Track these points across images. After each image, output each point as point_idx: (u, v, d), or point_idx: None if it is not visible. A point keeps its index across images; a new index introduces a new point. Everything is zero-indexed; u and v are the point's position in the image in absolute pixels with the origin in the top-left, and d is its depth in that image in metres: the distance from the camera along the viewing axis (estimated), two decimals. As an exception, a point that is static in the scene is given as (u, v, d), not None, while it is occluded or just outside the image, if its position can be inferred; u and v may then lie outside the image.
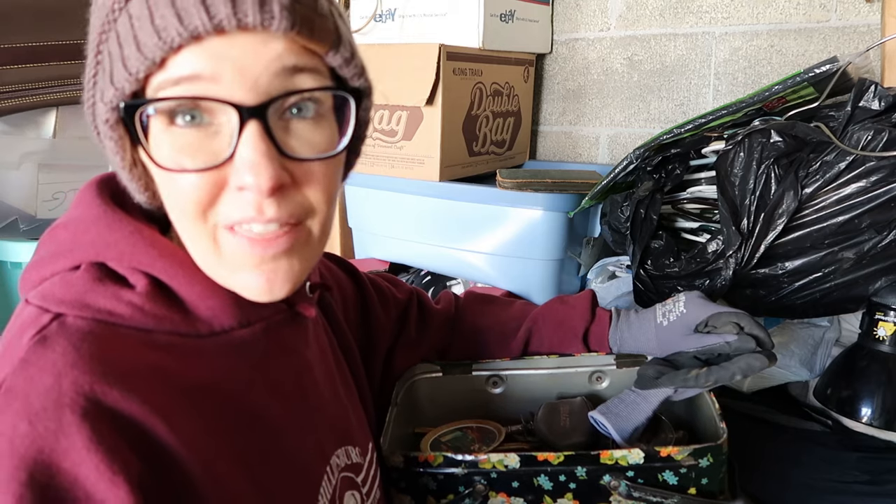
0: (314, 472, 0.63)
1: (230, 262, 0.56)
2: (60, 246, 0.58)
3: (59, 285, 0.55)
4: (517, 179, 1.46)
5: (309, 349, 0.69)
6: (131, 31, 0.50)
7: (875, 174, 1.00)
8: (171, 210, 0.56)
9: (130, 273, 0.56)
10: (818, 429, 1.10)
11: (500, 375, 0.98)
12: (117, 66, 0.51)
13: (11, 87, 1.34)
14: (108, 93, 0.52)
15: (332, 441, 0.67)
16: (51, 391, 0.47)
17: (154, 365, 0.53)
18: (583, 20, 1.85)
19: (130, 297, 0.55)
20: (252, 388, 0.60)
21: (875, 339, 1.05)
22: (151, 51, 0.49)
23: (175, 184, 0.53)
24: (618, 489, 0.75)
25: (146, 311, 0.55)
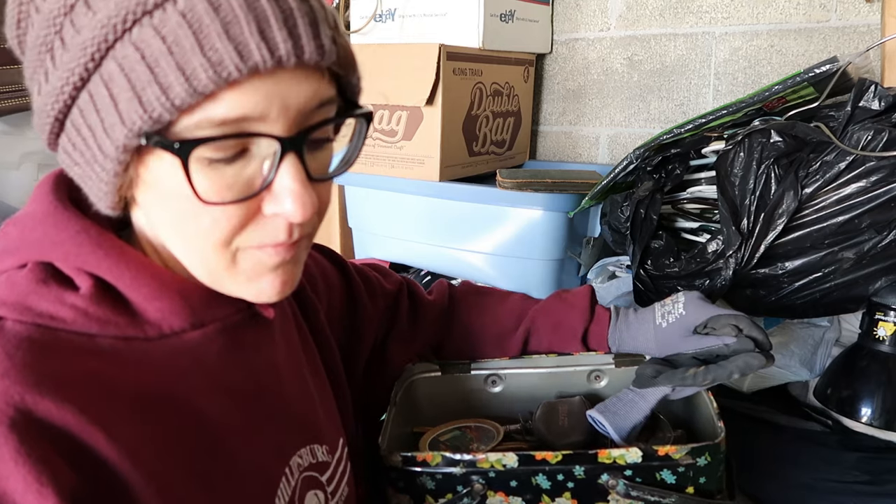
0: (270, 474, 0.61)
1: (248, 273, 0.57)
2: (9, 243, 0.56)
3: (2, 286, 0.53)
4: (517, 179, 1.46)
5: (273, 348, 0.67)
6: (170, 56, 0.46)
7: (875, 174, 1.00)
8: (186, 235, 0.54)
9: (76, 274, 0.54)
10: (818, 429, 1.10)
11: (499, 374, 0.98)
12: (149, 90, 0.46)
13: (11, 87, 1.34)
14: (132, 115, 0.47)
15: (296, 441, 0.66)
16: None
17: (94, 372, 0.51)
18: (583, 20, 1.85)
19: (74, 299, 0.53)
20: (202, 392, 0.57)
21: (875, 339, 1.05)
22: (204, 84, 0.46)
23: (207, 214, 0.52)
24: (616, 488, 0.75)
25: (89, 314, 0.53)
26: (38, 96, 0.52)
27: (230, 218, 0.53)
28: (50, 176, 0.59)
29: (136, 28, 0.46)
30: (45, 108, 0.51)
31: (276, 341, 0.68)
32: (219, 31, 0.46)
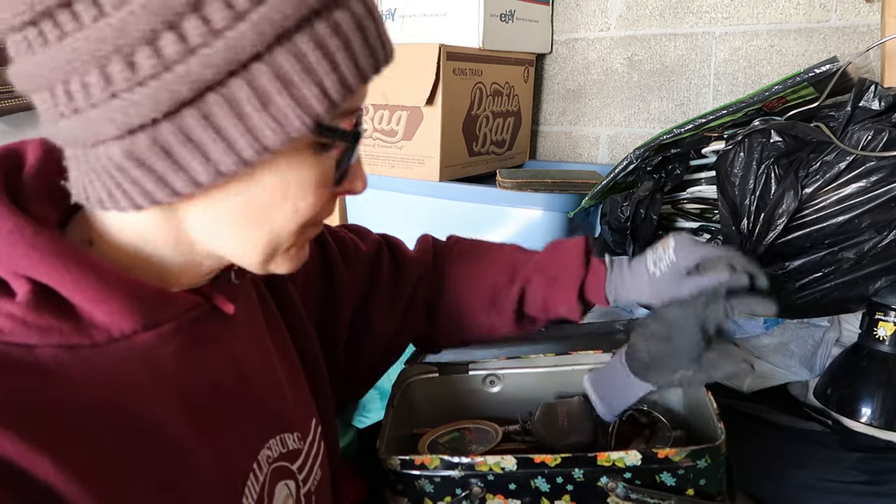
0: (237, 473, 0.59)
1: (296, 249, 0.60)
2: None
3: None
4: (517, 179, 1.46)
5: (234, 341, 0.65)
6: (323, 59, 0.48)
7: (875, 174, 1.00)
8: (270, 222, 0.55)
9: (11, 278, 0.50)
10: (818, 429, 1.10)
11: (497, 375, 0.98)
12: (307, 89, 0.48)
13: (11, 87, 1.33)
14: (311, 101, 0.49)
15: (264, 434, 0.64)
16: None
17: (34, 390, 0.47)
18: (583, 20, 1.85)
19: (10, 308, 0.49)
20: (157, 398, 0.54)
21: (875, 339, 1.04)
22: (354, 83, 0.50)
23: (310, 198, 0.55)
24: (615, 491, 0.75)
25: (28, 322, 0.49)
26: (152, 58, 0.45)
27: (323, 199, 0.57)
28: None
29: (314, 22, 0.48)
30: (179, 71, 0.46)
31: (238, 333, 0.65)
32: (359, 37, 0.51)
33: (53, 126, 0.49)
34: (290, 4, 0.46)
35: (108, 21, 0.44)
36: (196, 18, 0.45)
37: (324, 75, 0.49)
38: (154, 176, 0.49)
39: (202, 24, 0.45)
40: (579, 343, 1.10)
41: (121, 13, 0.44)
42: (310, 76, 0.48)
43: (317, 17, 0.48)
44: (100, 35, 0.45)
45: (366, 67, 0.51)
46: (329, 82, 0.49)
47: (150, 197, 0.49)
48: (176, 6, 0.45)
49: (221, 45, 0.45)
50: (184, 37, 0.45)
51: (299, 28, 0.47)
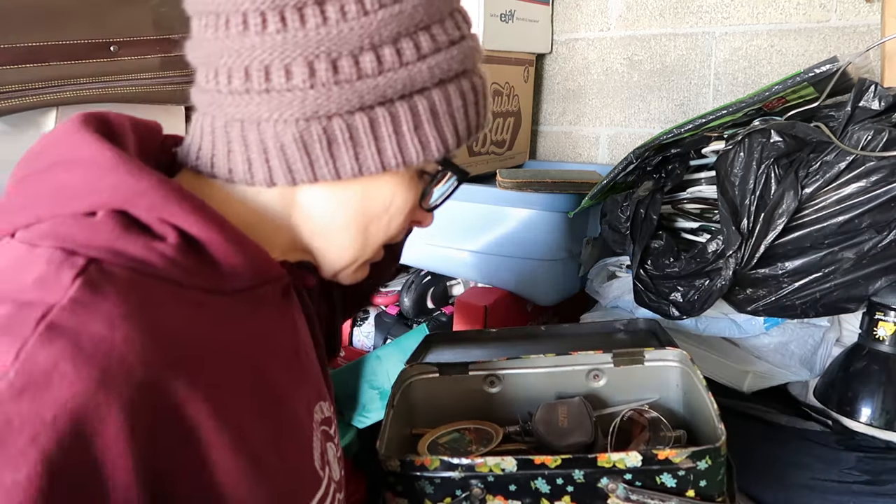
0: (307, 429, 0.66)
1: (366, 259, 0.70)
2: (67, 188, 0.55)
3: (76, 228, 0.53)
4: (517, 179, 1.46)
5: (297, 312, 0.74)
6: (462, 107, 0.63)
7: (875, 174, 1.00)
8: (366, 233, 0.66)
9: (159, 224, 0.55)
10: (818, 429, 1.10)
11: (497, 375, 0.98)
12: (446, 126, 0.62)
13: (11, 87, 1.33)
14: (448, 136, 0.62)
15: (314, 396, 0.71)
16: (104, 341, 0.47)
17: (188, 324, 0.54)
18: (583, 20, 1.85)
19: (162, 248, 0.54)
20: (263, 350, 0.63)
21: (875, 339, 1.04)
22: (473, 131, 0.65)
23: (399, 219, 0.67)
24: (615, 492, 0.75)
25: (178, 263, 0.55)
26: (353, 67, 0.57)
27: (406, 223, 0.68)
28: (79, 121, 0.59)
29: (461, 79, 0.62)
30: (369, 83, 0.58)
31: (296, 307, 0.74)
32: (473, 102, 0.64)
33: (225, 98, 0.58)
34: (456, 61, 0.61)
35: (329, 29, 0.56)
36: (392, 49, 0.58)
37: (459, 119, 0.62)
38: (308, 160, 0.59)
39: (396, 54, 0.58)
40: (579, 343, 1.10)
41: (340, 27, 0.56)
42: (451, 117, 0.62)
43: (464, 75, 0.63)
44: (318, 38, 0.56)
45: (480, 124, 0.66)
46: (461, 126, 0.63)
47: (291, 176, 0.59)
48: (383, 35, 0.57)
49: (405, 73, 0.58)
50: (381, 59, 0.57)
51: (453, 79, 0.62)
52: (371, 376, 1.28)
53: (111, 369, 0.47)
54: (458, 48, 0.61)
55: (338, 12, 0.56)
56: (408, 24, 0.58)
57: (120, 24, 1.38)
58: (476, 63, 0.64)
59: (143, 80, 1.42)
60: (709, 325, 1.24)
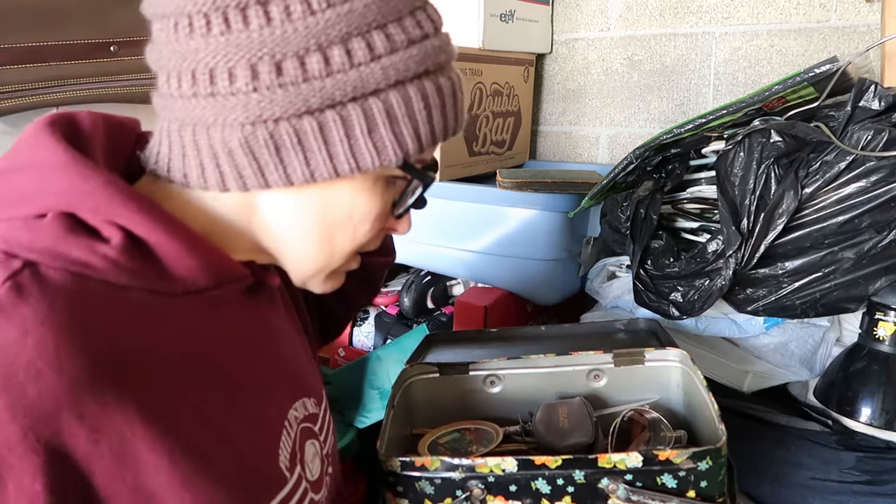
0: (273, 427, 0.65)
1: (338, 272, 0.69)
2: (19, 191, 0.55)
3: (24, 231, 0.53)
4: (517, 179, 1.46)
5: (272, 312, 0.73)
6: (424, 110, 0.59)
7: (875, 174, 1.00)
8: (331, 241, 0.64)
9: (104, 226, 0.55)
10: (818, 429, 1.10)
11: (498, 375, 0.98)
12: (405, 129, 0.59)
13: (11, 87, 1.33)
14: (406, 140, 0.59)
15: (291, 396, 0.70)
16: (12, 345, 0.47)
17: (124, 326, 0.53)
18: (583, 20, 1.85)
19: (105, 250, 0.53)
20: (218, 348, 0.61)
21: (875, 339, 1.05)
22: (439, 136, 0.62)
23: (369, 225, 0.64)
24: (616, 492, 0.75)
25: (121, 265, 0.54)
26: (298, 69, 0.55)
27: (376, 230, 0.66)
28: (43, 123, 0.58)
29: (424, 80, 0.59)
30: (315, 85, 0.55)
31: (271, 305, 0.74)
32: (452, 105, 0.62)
33: (177, 102, 0.57)
34: (415, 61, 0.58)
35: (272, 31, 0.54)
36: (342, 49, 0.55)
37: (421, 123, 0.59)
38: (256, 166, 0.57)
39: (345, 55, 0.55)
40: (579, 343, 1.10)
41: (285, 27, 0.54)
42: (410, 120, 0.59)
43: (426, 76, 0.59)
44: (261, 39, 0.54)
45: (449, 127, 0.63)
46: (423, 129, 0.60)
47: (242, 182, 0.58)
48: (330, 36, 0.55)
49: (355, 75, 0.56)
50: (328, 60, 0.55)
51: (413, 80, 0.59)
52: (371, 376, 1.28)
53: (14, 376, 0.46)
54: (419, 48, 0.58)
55: (282, 12, 0.54)
56: (359, 24, 0.56)
57: (120, 24, 1.38)
58: (442, 63, 0.61)
59: (143, 80, 1.42)
60: (709, 325, 1.24)
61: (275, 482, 0.63)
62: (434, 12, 0.62)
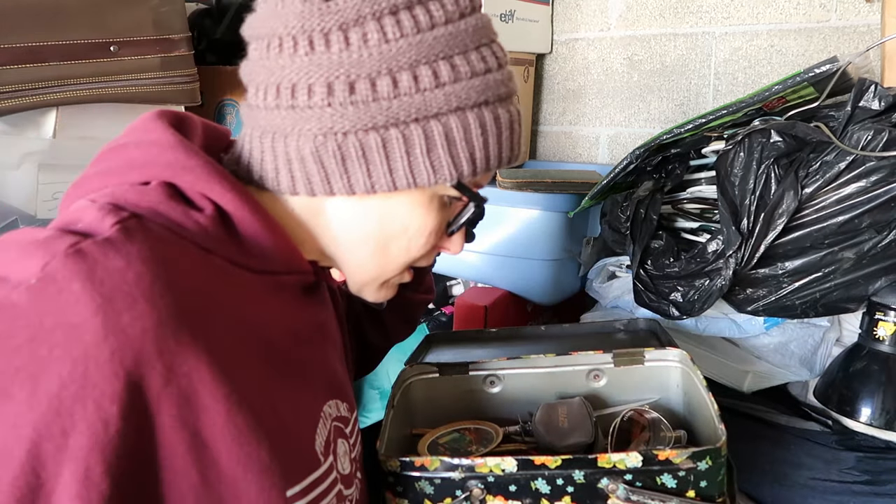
0: (312, 414, 0.69)
1: (390, 284, 0.75)
2: (130, 162, 0.63)
3: (131, 193, 0.60)
4: (517, 179, 1.46)
5: (323, 313, 0.79)
6: (481, 137, 0.64)
7: (875, 174, 1.00)
8: (385, 252, 0.70)
9: (199, 198, 0.62)
10: (818, 429, 1.10)
11: (497, 375, 0.98)
12: (462, 152, 0.64)
13: (11, 87, 1.33)
14: (446, 165, 0.64)
15: (327, 392, 0.74)
16: (116, 273, 0.52)
17: (205, 283, 0.59)
18: (583, 20, 1.85)
19: (198, 217, 0.60)
20: (276, 329, 0.66)
21: (875, 339, 1.05)
22: (493, 163, 0.67)
23: (423, 241, 0.69)
24: (616, 492, 0.75)
25: (210, 232, 0.61)
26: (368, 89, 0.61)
27: (430, 245, 0.71)
28: (154, 115, 0.67)
29: (484, 109, 0.65)
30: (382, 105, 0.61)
31: (322, 305, 0.79)
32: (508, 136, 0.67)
33: (261, 113, 0.64)
34: (476, 91, 0.63)
35: (350, 54, 0.60)
36: (409, 75, 0.61)
37: (477, 148, 0.65)
38: (324, 174, 0.63)
39: (413, 80, 0.61)
40: (579, 343, 1.10)
41: (361, 52, 0.60)
42: (467, 144, 0.64)
43: (486, 105, 0.65)
44: (340, 61, 0.61)
45: (504, 155, 0.68)
46: (479, 154, 0.65)
47: (310, 187, 0.64)
48: (401, 62, 0.61)
49: (420, 98, 0.61)
50: (397, 84, 0.61)
51: (473, 108, 0.64)
52: (371, 376, 1.29)
53: (114, 298, 0.51)
54: (481, 80, 0.64)
55: (360, 39, 0.60)
56: (427, 53, 0.61)
57: (120, 24, 1.38)
58: (503, 96, 0.66)
59: (143, 80, 1.42)
60: (709, 325, 1.24)
61: (310, 462, 0.67)
62: (500, 50, 0.67)
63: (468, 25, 0.64)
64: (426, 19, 0.62)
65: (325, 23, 0.60)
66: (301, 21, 0.61)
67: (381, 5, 0.61)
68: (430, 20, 0.62)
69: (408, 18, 0.61)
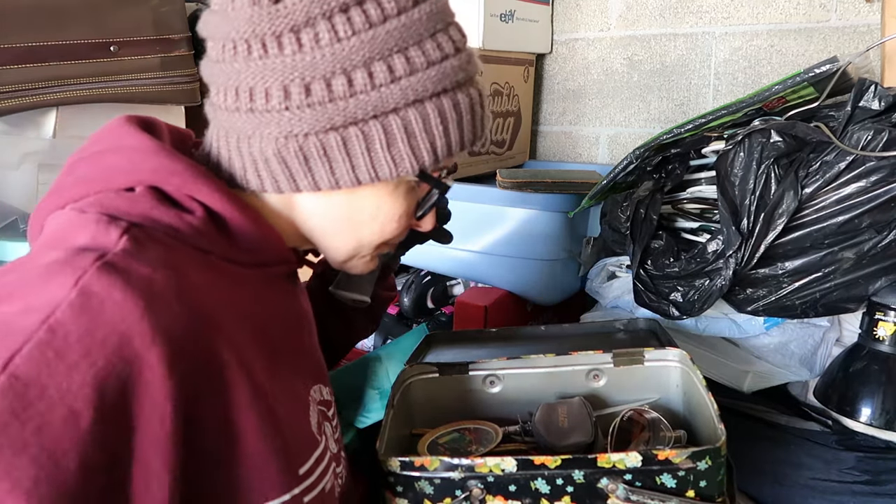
0: (304, 395, 0.72)
1: (368, 259, 0.76)
2: (114, 168, 0.63)
3: (119, 200, 0.61)
4: (517, 179, 1.46)
5: (304, 300, 0.81)
6: (440, 125, 0.65)
7: (875, 174, 1.00)
8: (358, 234, 0.72)
9: (187, 200, 0.63)
10: (818, 429, 1.10)
11: (497, 375, 0.98)
12: (422, 143, 0.65)
13: (11, 87, 1.33)
14: (426, 151, 0.65)
15: (312, 376, 0.76)
16: (148, 279, 0.55)
17: (210, 281, 0.61)
18: (583, 20, 1.85)
19: (191, 219, 0.62)
20: (271, 320, 0.69)
21: (875, 339, 1.05)
22: (455, 149, 0.68)
23: (395, 223, 0.71)
24: (615, 492, 0.75)
25: (204, 233, 0.62)
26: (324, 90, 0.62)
27: (402, 227, 0.73)
28: (123, 121, 0.67)
29: (442, 97, 0.65)
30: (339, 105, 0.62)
31: (304, 295, 0.81)
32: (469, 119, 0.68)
33: (223, 114, 0.65)
34: (432, 81, 0.64)
35: (303, 56, 0.61)
36: (364, 72, 0.62)
37: (437, 137, 0.66)
38: (288, 173, 0.65)
39: (368, 77, 0.62)
40: (579, 343, 1.10)
41: (314, 53, 0.61)
42: (427, 135, 0.65)
43: (445, 93, 0.65)
44: (294, 64, 0.61)
45: (466, 140, 0.69)
46: (439, 143, 0.66)
47: (277, 186, 0.66)
48: (354, 60, 0.61)
49: (376, 95, 0.62)
50: (352, 83, 0.62)
51: (431, 98, 0.64)
52: (371, 376, 1.28)
53: (154, 303, 0.54)
54: (437, 69, 0.64)
55: (312, 40, 0.61)
56: (381, 49, 0.62)
57: (120, 24, 1.38)
58: (461, 81, 0.67)
59: (143, 80, 1.42)
60: (709, 325, 1.24)
61: (311, 441, 0.70)
62: (456, 33, 0.67)
63: (422, 13, 0.64)
64: (377, 13, 0.62)
65: (276, 26, 0.61)
66: (251, 25, 0.61)
67: (331, 4, 0.61)
68: (382, 13, 0.62)
69: (358, 14, 0.61)
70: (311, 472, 0.68)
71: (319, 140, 0.63)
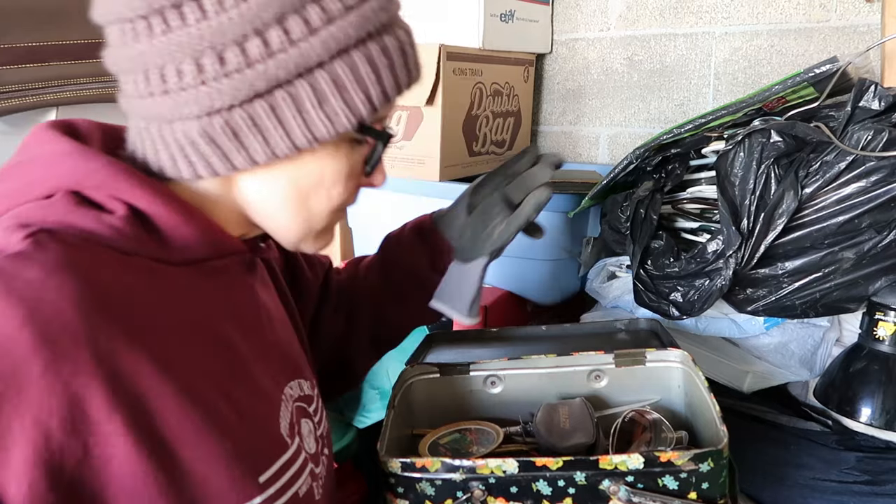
0: (273, 397, 0.69)
1: (325, 231, 0.72)
2: (29, 178, 0.60)
3: (36, 209, 0.57)
4: (517, 179, 1.46)
5: (263, 290, 0.77)
6: (372, 73, 0.61)
7: (875, 174, 1.00)
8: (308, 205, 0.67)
9: (108, 200, 0.59)
10: (818, 429, 1.10)
11: (498, 375, 0.98)
12: (356, 95, 0.61)
13: (11, 87, 1.33)
14: (357, 105, 0.61)
15: (286, 373, 0.73)
16: (36, 283, 0.51)
17: (132, 286, 0.57)
18: (583, 20, 1.85)
19: (111, 220, 0.58)
20: (219, 318, 0.65)
21: (875, 339, 1.05)
22: (392, 94, 0.64)
23: (343, 186, 0.68)
24: (617, 494, 0.75)
25: (126, 234, 0.58)
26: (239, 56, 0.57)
27: (350, 188, 0.70)
28: (43, 127, 0.63)
29: (368, 43, 0.61)
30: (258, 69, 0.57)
31: (263, 285, 0.78)
32: (401, 62, 0.64)
33: (138, 102, 0.60)
34: (354, 27, 0.59)
35: (209, 23, 0.56)
36: (278, 29, 0.57)
37: (370, 86, 0.61)
38: (220, 152, 0.60)
39: (283, 34, 0.57)
40: (580, 343, 1.10)
41: (220, 18, 0.56)
42: (359, 85, 0.61)
43: (370, 39, 0.61)
44: (200, 33, 0.56)
45: (402, 83, 0.65)
46: (374, 91, 0.62)
47: (212, 169, 0.61)
48: (265, 18, 0.56)
49: (296, 52, 0.58)
50: (267, 42, 0.57)
51: (357, 46, 0.60)
52: (371, 376, 1.28)
53: (41, 310, 0.50)
54: (356, 13, 0.60)
55: (215, 4, 0.56)
56: (293, 1, 0.57)
57: (120, 25, 1.38)
58: (385, 22, 0.63)
59: (142, 80, 1.41)
60: (709, 325, 1.24)
61: (277, 445, 0.66)
62: None
63: None
64: None
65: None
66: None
67: None
68: None
69: None
70: (278, 478, 0.65)
71: (245, 111, 0.59)
